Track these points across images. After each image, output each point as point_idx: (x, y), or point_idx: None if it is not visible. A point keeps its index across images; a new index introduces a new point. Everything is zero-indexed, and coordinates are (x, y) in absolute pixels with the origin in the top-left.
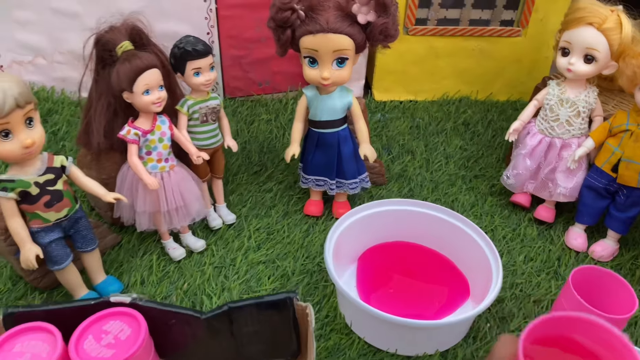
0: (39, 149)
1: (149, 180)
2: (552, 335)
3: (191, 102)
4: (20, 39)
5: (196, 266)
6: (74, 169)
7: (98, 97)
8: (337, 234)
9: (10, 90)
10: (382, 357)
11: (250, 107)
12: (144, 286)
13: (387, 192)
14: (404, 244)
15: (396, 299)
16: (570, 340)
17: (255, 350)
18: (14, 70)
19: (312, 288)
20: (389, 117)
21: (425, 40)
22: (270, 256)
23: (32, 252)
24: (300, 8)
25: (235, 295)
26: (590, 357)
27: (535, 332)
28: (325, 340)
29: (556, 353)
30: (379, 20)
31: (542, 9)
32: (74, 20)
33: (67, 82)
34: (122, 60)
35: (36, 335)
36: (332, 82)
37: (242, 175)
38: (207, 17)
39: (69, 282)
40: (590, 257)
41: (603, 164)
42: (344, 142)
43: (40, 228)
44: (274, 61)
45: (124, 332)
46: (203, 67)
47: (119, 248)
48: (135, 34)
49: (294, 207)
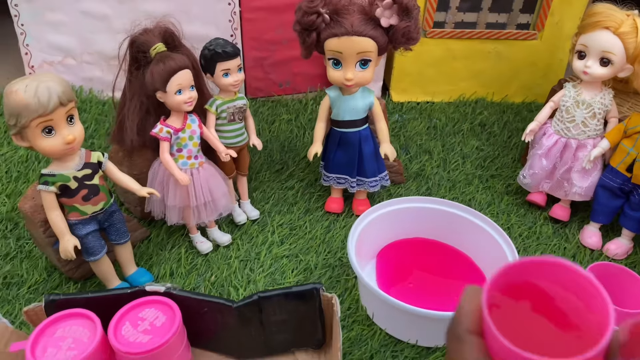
0: (78, 145)
1: (180, 176)
2: (519, 283)
3: (219, 102)
4: (51, 40)
5: (222, 259)
6: (109, 165)
7: (131, 97)
8: (359, 229)
9: (54, 88)
10: (403, 347)
11: (271, 107)
12: (172, 278)
13: (406, 190)
14: (423, 240)
15: (415, 293)
16: (537, 287)
17: (282, 339)
18: (45, 70)
19: (334, 281)
20: (406, 118)
21: (442, 43)
22: (293, 251)
23: (71, 243)
24: (325, 12)
25: (260, 287)
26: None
27: (501, 279)
28: (347, 331)
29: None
30: (402, 24)
31: (557, 12)
32: (102, 22)
33: (94, 82)
34: (156, 62)
35: (77, 321)
36: (355, 83)
37: (264, 173)
38: (231, 19)
39: (102, 273)
40: (604, 255)
41: (618, 164)
42: (365, 142)
43: (78, 220)
44: (294, 63)
45: (159, 319)
46: (232, 68)
47: (148, 241)
48: (167, 36)
49: (315, 204)
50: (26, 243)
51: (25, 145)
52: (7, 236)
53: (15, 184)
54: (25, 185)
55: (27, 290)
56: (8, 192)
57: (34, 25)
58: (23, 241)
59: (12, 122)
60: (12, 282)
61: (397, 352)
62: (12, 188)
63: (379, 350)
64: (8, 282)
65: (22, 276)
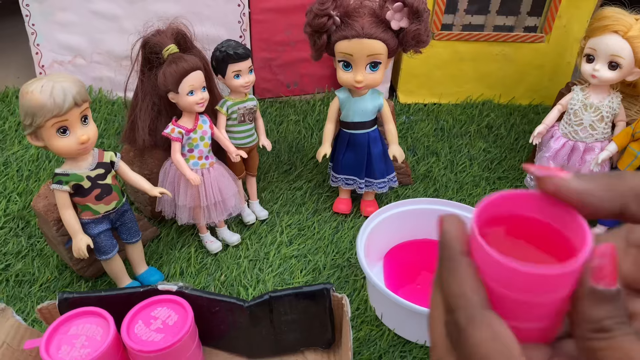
0: (92, 145)
1: (192, 175)
2: (499, 215)
3: (230, 103)
4: (61, 39)
5: (232, 259)
6: (122, 165)
7: (143, 97)
8: (368, 230)
9: (69, 89)
10: (411, 348)
11: (279, 108)
12: (182, 277)
13: (413, 192)
14: (430, 241)
15: (423, 294)
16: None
17: (292, 338)
18: (55, 70)
19: (343, 282)
20: (413, 119)
21: (450, 45)
22: (302, 251)
23: (84, 242)
24: (336, 14)
25: (270, 286)
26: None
27: (484, 210)
28: (356, 331)
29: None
30: (412, 27)
31: (565, 15)
32: (113, 22)
33: (104, 82)
34: (169, 63)
35: (90, 319)
36: (365, 85)
37: (272, 174)
38: (241, 20)
39: (114, 272)
40: None
41: (625, 167)
42: (373, 143)
43: (91, 220)
44: (302, 64)
45: (172, 318)
46: (243, 70)
47: (158, 241)
48: (180, 38)
49: (323, 204)
50: (37, 241)
51: (40, 144)
52: (19, 234)
53: (26, 182)
54: (36, 184)
55: (38, 288)
56: (19, 191)
57: (44, 25)
58: (34, 239)
59: (27, 122)
60: (23, 280)
61: (405, 353)
62: (23, 187)
63: (388, 351)
64: (20, 280)
65: (33, 274)
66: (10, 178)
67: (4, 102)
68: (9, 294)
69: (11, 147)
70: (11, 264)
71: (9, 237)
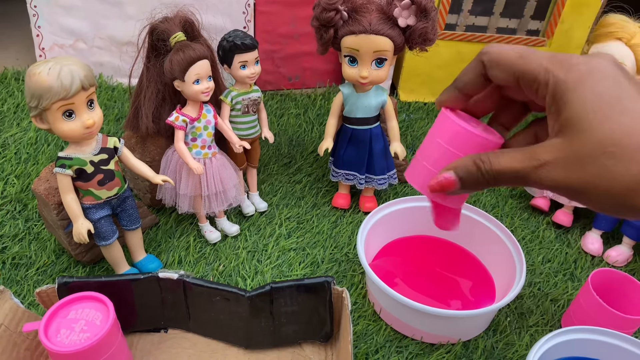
0: (97, 130)
1: (194, 165)
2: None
3: (235, 94)
4: (63, 23)
5: (231, 249)
6: (125, 151)
7: (148, 84)
8: (368, 226)
9: (77, 72)
10: (407, 343)
11: (280, 100)
12: (181, 266)
13: (412, 189)
14: (429, 237)
15: (421, 290)
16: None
17: (291, 331)
18: (55, 53)
19: (341, 276)
20: (413, 117)
21: (452, 45)
22: (301, 244)
23: (85, 227)
24: (344, 9)
25: (268, 278)
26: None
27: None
28: (354, 325)
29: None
30: (419, 25)
31: (567, 20)
32: (115, 7)
33: (104, 67)
34: (176, 50)
35: (90, 304)
36: (370, 81)
37: (272, 166)
38: (245, 11)
39: (113, 258)
40: (605, 262)
41: None
42: (375, 139)
43: (92, 205)
44: (304, 57)
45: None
46: (249, 61)
47: (157, 229)
48: (187, 26)
49: (323, 199)
50: (35, 224)
51: (45, 127)
52: (16, 217)
53: (24, 165)
54: (34, 167)
55: (35, 271)
56: (17, 173)
57: (46, 8)
58: (32, 222)
59: (33, 104)
60: (20, 263)
61: (401, 348)
62: (21, 169)
63: (384, 345)
64: (17, 263)
65: (30, 257)
66: (8, 160)
67: (3, 84)
68: (5, 276)
69: (9, 129)
70: (8, 246)
71: (6, 220)
